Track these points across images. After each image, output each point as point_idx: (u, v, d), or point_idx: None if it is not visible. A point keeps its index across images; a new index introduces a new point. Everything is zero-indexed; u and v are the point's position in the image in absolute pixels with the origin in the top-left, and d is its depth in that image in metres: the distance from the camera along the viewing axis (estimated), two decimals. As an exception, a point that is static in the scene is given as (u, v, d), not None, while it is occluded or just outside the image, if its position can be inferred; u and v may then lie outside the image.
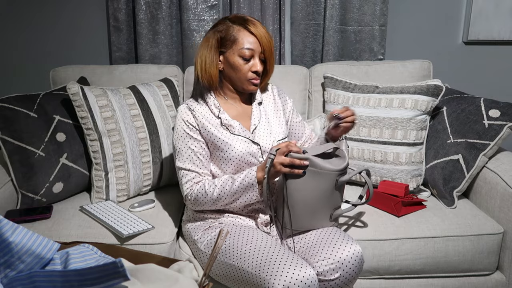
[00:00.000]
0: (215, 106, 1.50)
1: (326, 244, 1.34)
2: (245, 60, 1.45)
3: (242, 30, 1.45)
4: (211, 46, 1.48)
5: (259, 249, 1.30)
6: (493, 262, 1.63)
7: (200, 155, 1.47)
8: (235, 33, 1.45)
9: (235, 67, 1.46)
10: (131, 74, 2.07)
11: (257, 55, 1.47)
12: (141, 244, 1.51)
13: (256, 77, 1.49)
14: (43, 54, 2.35)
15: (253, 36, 1.45)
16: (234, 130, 1.48)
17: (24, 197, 1.65)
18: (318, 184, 1.35)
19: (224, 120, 1.49)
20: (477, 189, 1.78)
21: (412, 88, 1.85)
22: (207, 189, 1.42)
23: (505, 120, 1.71)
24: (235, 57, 1.46)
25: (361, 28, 2.30)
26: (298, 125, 1.67)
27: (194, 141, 1.47)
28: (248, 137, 1.48)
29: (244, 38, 1.45)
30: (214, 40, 1.48)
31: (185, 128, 1.47)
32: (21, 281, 0.77)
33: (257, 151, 1.48)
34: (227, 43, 1.46)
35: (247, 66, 1.47)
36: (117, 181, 1.74)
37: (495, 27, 2.39)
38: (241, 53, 1.45)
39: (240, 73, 1.47)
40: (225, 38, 1.47)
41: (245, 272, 1.29)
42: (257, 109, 1.56)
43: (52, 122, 1.74)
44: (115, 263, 0.70)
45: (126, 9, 2.24)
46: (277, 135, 1.54)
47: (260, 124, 1.54)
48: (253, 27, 1.45)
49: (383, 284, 1.62)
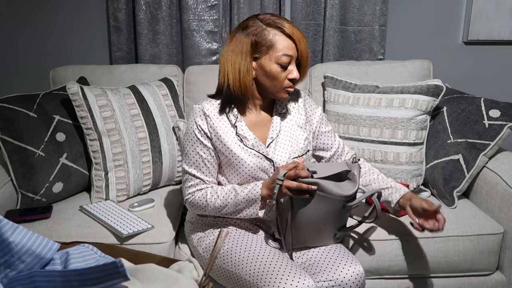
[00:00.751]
0: (234, 115, 1.40)
1: (329, 263, 1.30)
2: (282, 67, 1.33)
3: (279, 33, 1.32)
4: (245, 52, 1.32)
5: (258, 256, 1.28)
6: (493, 262, 1.63)
7: (208, 162, 1.40)
8: (271, 37, 1.32)
9: (272, 75, 1.34)
10: (131, 74, 2.07)
11: (294, 61, 1.36)
12: (141, 244, 1.51)
13: (292, 84, 1.38)
14: (43, 54, 2.35)
15: (290, 40, 1.33)
16: (248, 143, 1.39)
17: (24, 197, 1.65)
18: (325, 207, 1.31)
19: (240, 130, 1.39)
20: (477, 189, 1.78)
21: (412, 88, 1.85)
22: (208, 199, 1.38)
23: (505, 120, 1.71)
24: (272, 64, 1.33)
25: (361, 28, 2.30)
26: (326, 136, 1.54)
27: (204, 147, 1.39)
28: (262, 152, 1.39)
29: (282, 43, 1.32)
30: (248, 44, 1.33)
31: (196, 132, 1.38)
32: (21, 281, 0.77)
33: (269, 167, 1.40)
34: (262, 49, 1.33)
35: (284, 73, 1.34)
36: (116, 180, 1.74)
37: (495, 27, 2.39)
38: (279, 60, 1.32)
39: (277, 82, 1.35)
40: (260, 43, 1.32)
41: (242, 280, 1.27)
42: (277, 120, 1.45)
43: (52, 122, 1.74)
44: (115, 263, 0.70)
45: (126, 9, 2.24)
46: (294, 152, 1.43)
47: (278, 138, 1.43)
48: (289, 30, 1.33)
49: (383, 284, 1.62)
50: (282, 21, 1.34)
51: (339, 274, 1.27)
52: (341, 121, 1.93)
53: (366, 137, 1.86)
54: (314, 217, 1.32)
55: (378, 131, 1.84)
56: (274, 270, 1.22)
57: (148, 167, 1.81)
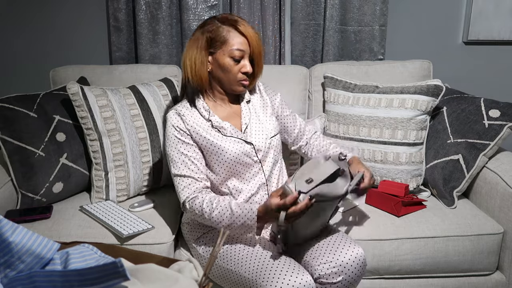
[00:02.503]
0: (205, 108, 1.48)
1: (328, 247, 1.33)
2: (235, 61, 1.43)
3: (232, 30, 1.43)
4: (200, 47, 1.44)
5: (256, 254, 1.29)
6: (493, 262, 1.63)
7: (194, 159, 1.43)
8: (225, 34, 1.43)
9: (225, 68, 1.44)
10: (131, 74, 2.07)
11: (247, 56, 1.46)
12: (141, 244, 1.51)
13: (246, 78, 1.47)
14: (43, 54, 2.35)
15: (243, 36, 1.43)
16: (226, 131, 1.46)
17: (24, 197, 1.65)
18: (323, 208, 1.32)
19: (215, 122, 1.46)
20: (477, 189, 1.78)
21: (412, 88, 1.85)
22: (204, 208, 1.36)
23: (505, 120, 1.71)
24: (225, 58, 1.43)
25: (361, 28, 2.30)
26: (288, 119, 1.65)
27: (187, 146, 1.44)
28: (240, 138, 1.47)
29: (234, 39, 1.43)
30: (204, 40, 1.44)
31: (176, 134, 1.44)
32: (21, 281, 0.77)
33: (251, 151, 1.46)
34: (217, 44, 1.44)
35: (237, 67, 1.45)
36: (117, 181, 1.74)
37: (495, 27, 2.39)
38: (232, 54, 1.43)
39: (230, 74, 1.45)
40: (214, 38, 1.44)
41: (242, 278, 1.28)
42: (246, 107, 1.55)
43: (52, 122, 1.74)
44: (115, 263, 0.70)
45: (126, 9, 2.24)
46: (269, 132, 1.52)
47: (251, 123, 1.52)
48: (243, 28, 1.44)
49: (383, 284, 1.62)
50: (236, 19, 1.45)
51: (339, 255, 1.29)
52: (341, 121, 1.93)
53: (366, 137, 1.86)
54: (312, 219, 1.33)
55: (378, 131, 1.84)
56: (272, 267, 1.23)
57: (148, 168, 1.81)
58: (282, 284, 1.19)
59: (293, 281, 1.19)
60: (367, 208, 1.72)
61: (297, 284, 1.19)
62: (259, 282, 1.22)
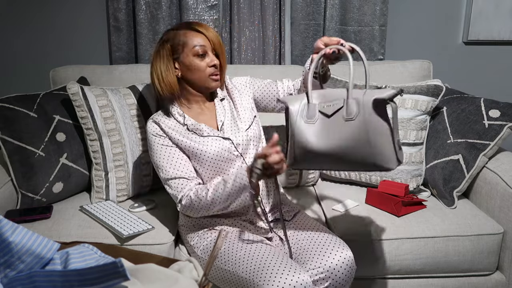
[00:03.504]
0: (179, 114, 1.50)
1: (317, 251, 1.32)
2: (200, 56, 1.46)
3: (189, 31, 1.47)
4: (163, 56, 1.48)
5: (253, 254, 1.29)
6: (493, 262, 1.63)
7: (181, 159, 1.45)
8: (182, 37, 1.47)
9: (193, 67, 1.47)
10: (131, 74, 2.07)
11: (210, 51, 1.48)
12: (141, 245, 1.51)
13: (216, 70, 1.49)
14: (43, 54, 2.35)
15: (200, 34, 1.47)
16: (203, 132, 1.47)
17: (24, 197, 1.65)
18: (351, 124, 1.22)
19: (190, 125, 1.47)
20: (477, 189, 1.78)
21: (412, 88, 1.85)
22: (199, 194, 1.38)
23: (505, 120, 1.71)
24: (190, 58, 1.46)
25: (361, 28, 2.30)
26: (267, 87, 1.60)
27: (171, 149, 1.46)
28: (217, 135, 1.47)
29: (192, 38, 1.46)
30: (164, 50, 1.48)
31: (157, 140, 1.47)
32: (21, 281, 0.77)
33: (230, 146, 1.46)
34: (178, 48, 1.47)
35: (204, 62, 1.47)
36: (117, 181, 1.74)
37: (495, 27, 2.39)
38: (194, 52, 1.46)
39: (199, 72, 1.47)
40: (174, 44, 1.48)
41: (239, 278, 1.28)
42: (220, 105, 1.55)
43: (52, 122, 1.74)
44: (115, 263, 0.70)
45: (126, 9, 2.24)
46: (243, 124, 1.51)
47: (226, 119, 1.52)
48: (198, 26, 1.48)
49: (383, 284, 1.62)
50: (190, 22, 1.54)
51: (327, 260, 1.29)
52: (341, 121, 1.93)
53: (366, 137, 1.86)
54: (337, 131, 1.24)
55: (378, 131, 1.84)
56: (269, 266, 1.23)
57: (148, 168, 1.81)
58: (279, 283, 1.19)
59: (290, 279, 1.19)
60: (367, 208, 1.72)
61: (294, 283, 1.19)
62: (256, 282, 1.22)
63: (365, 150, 1.17)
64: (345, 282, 1.30)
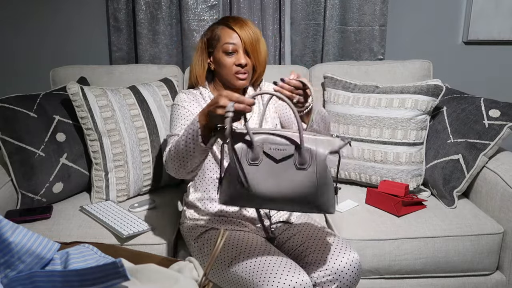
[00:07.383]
0: (209, 96, 1.55)
1: (324, 253, 1.31)
2: (228, 54, 1.48)
3: (224, 28, 1.50)
4: (199, 49, 1.57)
5: (253, 254, 1.29)
6: (493, 262, 1.63)
7: None
8: (218, 32, 1.51)
9: (221, 63, 1.50)
10: (131, 74, 2.07)
11: (241, 50, 1.49)
12: (141, 245, 1.51)
13: (241, 69, 1.49)
14: (43, 54, 2.35)
15: (233, 31, 1.49)
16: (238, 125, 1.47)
17: (24, 197, 1.65)
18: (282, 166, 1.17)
19: None
20: (477, 189, 1.78)
21: (412, 88, 1.85)
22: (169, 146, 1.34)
23: (505, 120, 1.71)
24: (220, 54, 1.50)
25: (361, 28, 2.30)
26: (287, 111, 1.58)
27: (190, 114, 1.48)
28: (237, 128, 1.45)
29: (225, 34, 1.49)
30: (202, 43, 1.57)
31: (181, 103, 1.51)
32: (21, 281, 0.77)
33: None
34: (213, 43, 1.53)
35: (231, 60, 1.49)
36: (117, 181, 1.74)
37: (495, 27, 2.39)
38: (224, 49, 1.49)
39: (226, 69, 1.50)
40: (210, 38, 1.54)
41: (239, 278, 1.28)
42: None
43: (52, 122, 1.74)
44: (115, 263, 0.70)
45: (126, 9, 2.24)
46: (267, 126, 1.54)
47: (252, 116, 1.54)
48: (233, 23, 1.49)
49: (383, 284, 1.62)
50: (229, 17, 1.55)
51: (334, 263, 1.28)
52: (341, 121, 1.93)
53: (366, 137, 1.86)
54: (270, 175, 1.17)
55: (378, 131, 1.84)
56: (269, 267, 1.23)
57: (148, 168, 1.81)
58: (279, 283, 1.18)
59: (289, 280, 1.19)
60: (367, 208, 1.72)
61: (294, 284, 1.19)
62: (255, 282, 1.22)
63: (312, 197, 1.17)
64: (352, 285, 1.29)
